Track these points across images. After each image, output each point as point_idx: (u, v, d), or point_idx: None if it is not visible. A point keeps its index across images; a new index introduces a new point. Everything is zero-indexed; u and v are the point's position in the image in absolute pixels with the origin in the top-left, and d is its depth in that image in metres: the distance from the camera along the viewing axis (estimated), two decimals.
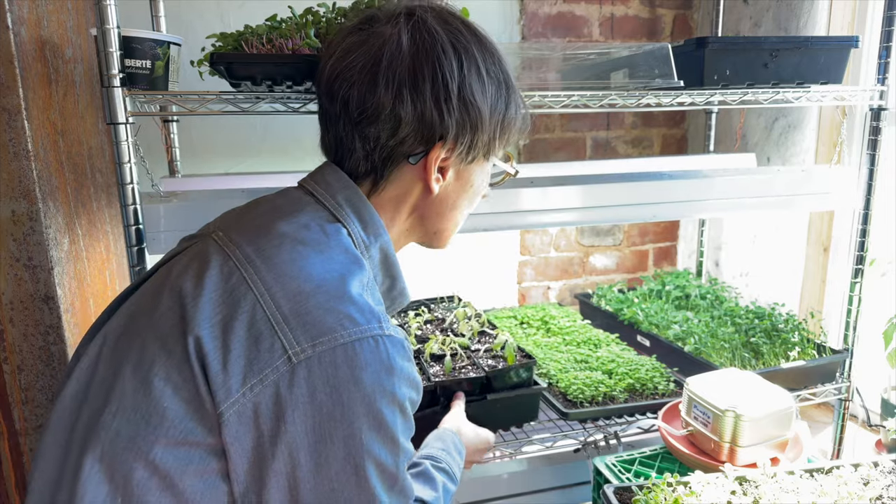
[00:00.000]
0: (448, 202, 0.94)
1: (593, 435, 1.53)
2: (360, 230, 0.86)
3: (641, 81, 1.51)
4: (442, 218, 0.96)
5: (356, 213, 0.86)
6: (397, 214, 0.92)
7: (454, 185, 0.92)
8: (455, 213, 0.96)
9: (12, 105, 1.22)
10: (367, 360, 0.71)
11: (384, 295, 0.90)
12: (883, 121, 1.65)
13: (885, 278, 1.97)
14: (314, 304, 0.72)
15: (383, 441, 0.73)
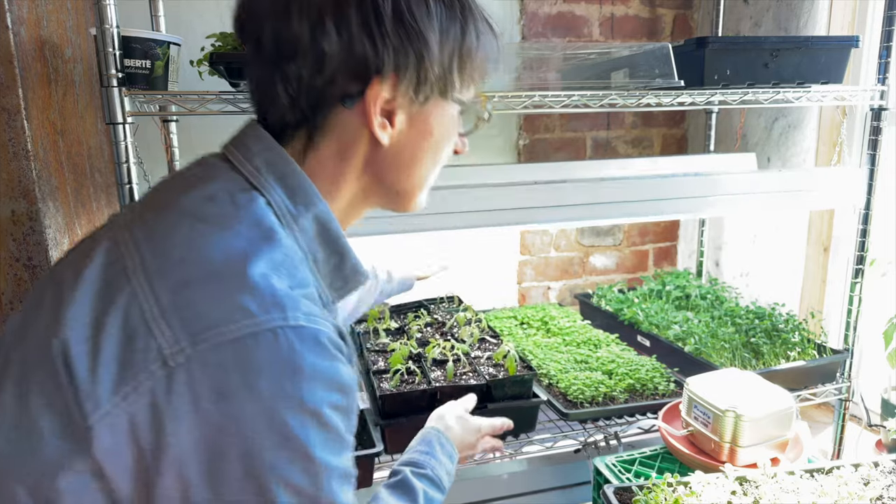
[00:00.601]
0: (405, 155, 0.78)
1: (593, 435, 1.53)
2: (283, 198, 0.72)
3: (642, 81, 1.51)
4: (401, 175, 0.80)
5: (279, 179, 0.73)
6: (344, 174, 0.77)
7: (409, 134, 0.77)
8: (417, 168, 0.80)
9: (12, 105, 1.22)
10: (263, 359, 0.59)
11: (333, 273, 0.77)
12: (883, 121, 1.66)
13: (885, 278, 1.97)
14: (201, 293, 0.61)
15: (292, 459, 0.60)
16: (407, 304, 2.06)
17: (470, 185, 1.42)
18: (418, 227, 1.37)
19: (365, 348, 1.73)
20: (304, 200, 0.73)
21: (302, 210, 0.73)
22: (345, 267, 0.78)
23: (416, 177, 0.81)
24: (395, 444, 1.43)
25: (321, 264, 0.76)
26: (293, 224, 0.72)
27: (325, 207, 0.75)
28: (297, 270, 0.68)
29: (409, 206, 0.85)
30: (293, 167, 0.74)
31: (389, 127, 0.74)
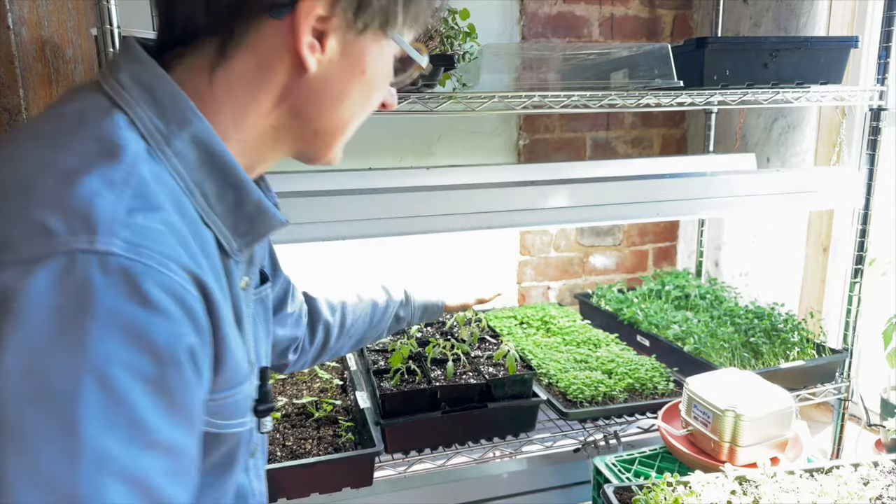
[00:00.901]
0: (332, 89, 0.67)
1: (593, 435, 1.53)
2: (150, 116, 0.61)
3: (641, 81, 1.51)
4: (324, 112, 0.69)
5: (146, 93, 0.61)
6: (257, 101, 0.66)
7: (340, 65, 0.66)
8: (343, 108, 0.69)
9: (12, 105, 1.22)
10: (44, 288, 0.48)
11: (234, 214, 0.67)
12: (882, 121, 1.66)
13: (884, 278, 1.97)
14: (3, 212, 0.52)
15: (47, 424, 0.47)
16: None
17: (470, 186, 1.42)
18: (419, 228, 1.37)
19: (365, 348, 1.73)
20: (177, 117, 0.62)
21: (175, 129, 0.61)
22: (246, 205, 0.67)
23: (339, 118, 0.70)
24: (395, 444, 1.43)
25: (214, 201, 0.65)
26: (164, 147, 0.61)
27: (205, 126, 0.63)
28: (152, 194, 0.56)
29: (326, 153, 0.74)
30: (164, 79, 0.62)
31: (319, 51, 0.64)
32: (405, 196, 1.36)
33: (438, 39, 1.44)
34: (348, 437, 1.43)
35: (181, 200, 0.61)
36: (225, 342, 0.61)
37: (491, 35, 2.22)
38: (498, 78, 1.50)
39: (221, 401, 0.65)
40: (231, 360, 0.63)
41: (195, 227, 0.62)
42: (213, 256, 0.64)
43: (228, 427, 0.68)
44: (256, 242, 0.71)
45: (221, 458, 0.71)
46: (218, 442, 0.68)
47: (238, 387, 0.67)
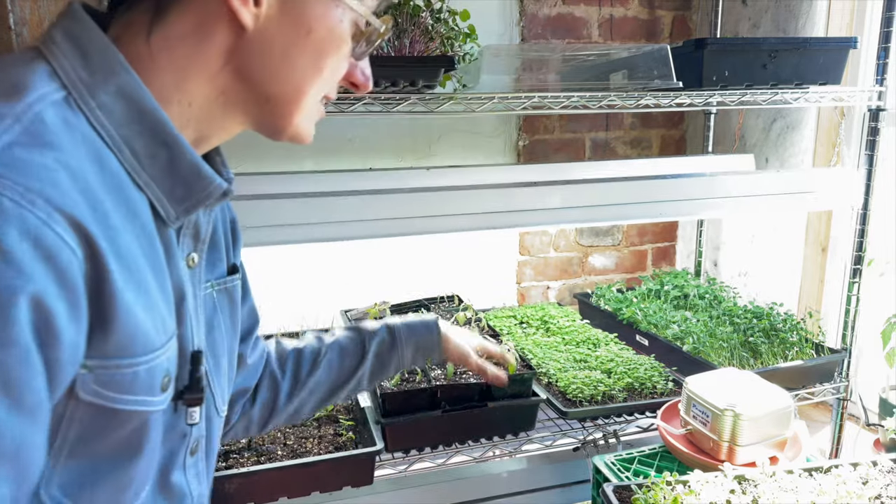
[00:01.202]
0: (275, 49, 0.64)
1: (592, 434, 1.54)
2: (74, 66, 0.59)
3: (640, 82, 1.52)
4: (270, 74, 0.66)
5: (74, 46, 0.59)
6: (198, 62, 0.63)
7: (281, 23, 0.64)
8: (290, 69, 0.66)
9: None
10: None
11: (168, 176, 0.63)
12: (881, 121, 1.66)
13: (883, 278, 1.98)
14: None
15: None
16: (407, 303, 2.07)
17: (470, 186, 1.43)
18: (419, 228, 1.38)
19: None
20: (104, 69, 0.59)
21: (99, 80, 0.59)
22: (180, 166, 0.64)
23: (289, 82, 0.67)
24: (395, 442, 1.43)
25: (145, 160, 0.62)
26: (87, 98, 0.58)
27: (134, 80, 0.60)
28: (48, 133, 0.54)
29: (284, 124, 0.70)
30: (94, 32, 0.60)
31: (253, 4, 0.62)
32: (405, 196, 1.37)
33: (439, 41, 1.44)
34: (349, 436, 1.43)
35: (101, 153, 0.59)
36: (115, 302, 0.56)
37: (491, 36, 2.22)
38: (498, 79, 1.50)
39: (114, 369, 0.59)
40: (126, 325, 0.58)
41: (116, 183, 0.59)
42: (142, 219, 0.62)
43: (125, 403, 0.61)
44: (196, 209, 0.67)
45: (122, 441, 0.63)
46: (115, 420, 0.61)
47: (138, 357, 0.61)
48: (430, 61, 1.36)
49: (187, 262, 0.72)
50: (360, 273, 2.22)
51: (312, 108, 0.71)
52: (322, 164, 2.13)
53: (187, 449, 0.75)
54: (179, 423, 0.72)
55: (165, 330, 0.65)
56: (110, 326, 0.56)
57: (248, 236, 1.27)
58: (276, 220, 1.28)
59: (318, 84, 0.69)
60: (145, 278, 0.61)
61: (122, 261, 0.57)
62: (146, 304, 0.61)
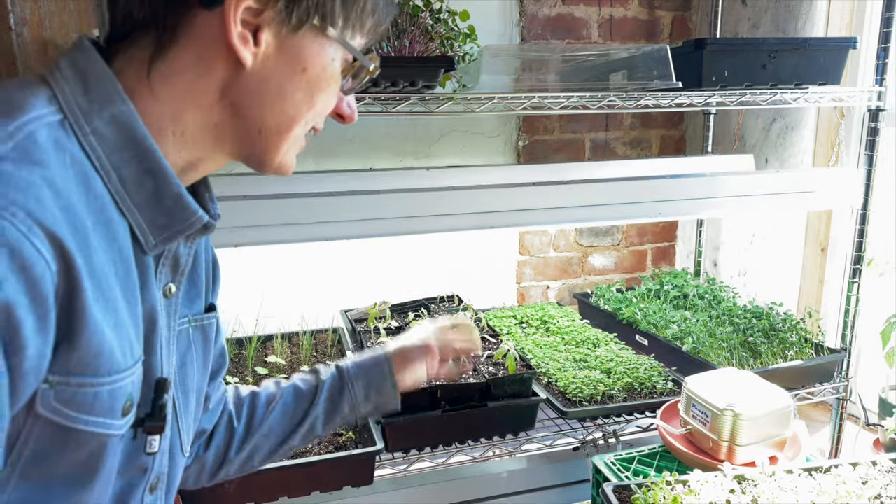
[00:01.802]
0: (271, 86, 0.67)
1: (592, 433, 1.54)
2: (74, 92, 0.62)
3: (640, 83, 1.52)
4: (265, 109, 0.68)
5: (77, 74, 0.62)
6: (196, 95, 0.66)
7: (277, 61, 0.67)
8: (284, 105, 0.69)
9: None
10: None
11: (153, 205, 0.66)
12: (881, 121, 1.66)
13: (882, 278, 1.98)
14: None
15: None
16: (407, 303, 2.07)
17: (470, 187, 1.43)
18: (419, 228, 1.38)
19: (366, 347, 1.73)
20: (101, 97, 0.62)
21: (96, 108, 0.62)
22: (165, 196, 0.66)
23: (282, 116, 0.69)
24: (395, 442, 1.43)
25: (132, 188, 0.64)
26: (82, 122, 0.61)
27: (129, 109, 0.63)
28: (38, 152, 0.56)
29: (272, 156, 0.72)
30: (97, 63, 0.63)
31: (253, 44, 0.65)
32: (405, 196, 1.37)
33: (438, 41, 1.44)
34: (349, 436, 1.43)
35: (89, 175, 0.61)
36: (84, 318, 0.57)
37: (491, 36, 2.22)
38: (498, 79, 1.51)
39: (76, 387, 0.59)
40: (92, 342, 0.59)
41: (100, 205, 0.61)
42: (120, 243, 0.64)
43: (83, 423, 0.61)
44: (175, 238, 0.69)
45: (78, 464, 0.63)
46: (72, 441, 0.61)
47: (101, 377, 0.61)
48: (430, 61, 1.37)
49: (164, 292, 0.73)
50: (360, 273, 2.22)
51: (299, 140, 0.73)
52: (322, 164, 2.13)
53: (147, 485, 0.74)
54: (140, 454, 0.71)
55: (132, 354, 0.65)
56: (76, 342, 0.57)
57: (249, 236, 1.27)
58: (276, 219, 1.29)
59: (308, 117, 0.72)
60: (116, 299, 0.62)
61: (96, 280, 0.58)
62: (115, 324, 0.62)
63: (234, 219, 1.24)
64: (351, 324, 1.95)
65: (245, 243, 1.27)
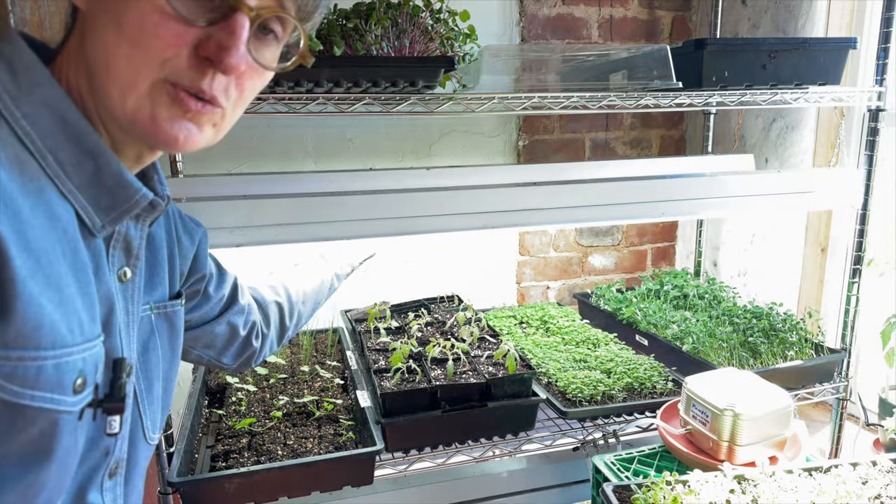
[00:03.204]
0: (91, 21, 0.65)
1: (592, 433, 1.54)
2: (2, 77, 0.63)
3: (640, 83, 1.52)
4: (88, 49, 0.65)
5: (5, 63, 0.64)
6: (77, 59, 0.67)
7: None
8: (97, 37, 0.64)
9: None
10: None
11: (94, 185, 0.66)
12: (881, 121, 1.66)
13: (882, 278, 1.98)
14: None
15: None
16: (407, 303, 2.07)
17: (470, 186, 1.43)
18: (419, 228, 1.38)
19: (366, 347, 1.74)
20: (30, 83, 0.63)
21: (25, 92, 0.63)
22: (104, 176, 0.66)
23: (100, 51, 0.64)
24: (395, 442, 1.44)
25: (71, 170, 0.65)
26: (12, 108, 0.62)
27: (58, 93, 0.64)
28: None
29: (112, 103, 0.65)
30: (24, 52, 0.65)
31: None
32: (405, 196, 1.37)
33: (438, 41, 1.44)
34: (349, 436, 1.43)
35: (22, 158, 0.61)
36: (16, 290, 0.57)
37: (491, 37, 2.22)
38: (498, 79, 1.51)
39: (16, 361, 0.58)
40: (28, 314, 0.58)
41: (36, 188, 0.62)
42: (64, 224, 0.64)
43: (30, 399, 0.60)
44: (122, 219, 0.70)
45: (30, 442, 0.62)
46: (22, 418, 0.60)
47: (42, 350, 0.60)
48: (430, 62, 1.37)
49: (119, 277, 0.74)
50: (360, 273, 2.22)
51: (143, 86, 0.64)
52: (322, 164, 2.13)
53: (107, 469, 0.74)
54: (101, 435, 0.71)
55: (82, 331, 0.65)
56: (10, 315, 0.57)
57: (249, 236, 1.27)
58: (276, 219, 1.29)
59: (125, 49, 0.63)
60: (59, 276, 0.62)
61: (31, 254, 0.58)
62: (59, 299, 0.61)
63: (233, 219, 1.24)
64: (351, 324, 1.95)
65: (245, 243, 1.27)
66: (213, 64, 0.64)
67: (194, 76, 0.64)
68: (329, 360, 1.82)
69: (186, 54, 0.63)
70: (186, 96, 0.65)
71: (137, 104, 0.64)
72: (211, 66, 0.64)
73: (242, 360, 1.18)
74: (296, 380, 1.71)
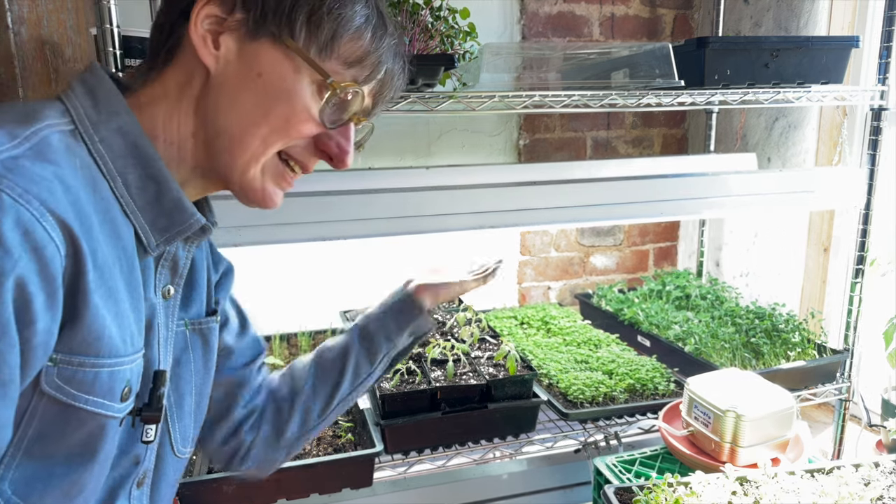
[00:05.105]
0: (228, 88, 0.71)
1: (594, 435, 1.53)
2: (86, 106, 0.69)
3: (642, 81, 1.51)
4: (220, 112, 0.72)
5: (88, 91, 0.70)
6: (180, 104, 0.73)
7: (236, 66, 0.71)
8: (238, 108, 0.71)
9: None
10: None
11: (154, 207, 0.71)
12: (883, 121, 1.65)
13: (885, 278, 1.97)
14: None
15: None
16: None
17: (470, 186, 1.42)
18: (419, 228, 1.37)
19: None
20: (109, 110, 0.69)
21: (104, 119, 0.69)
22: (164, 199, 0.71)
23: (238, 123, 0.72)
24: (395, 444, 1.43)
25: (135, 191, 0.70)
26: (91, 132, 0.68)
27: (133, 121, 0.70)
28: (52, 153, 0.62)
29: (233, 170, 0.74)
30: (104, 81, 0.71)
31: (213, 48, 0.70)
32: (405, 196, 1.36)
33: (438, 38, 1.44)
34: (348, 438, 1.42)
35: (96, 179, 0.67)
36: (87, 301, 0.62)
37: (491, 34, 2.21)
38: (498, 77, 1.50)
39: (77, 367, 0.63)
40: (93, 325, 0.63)
41: (106, 206, 0.67)
42: (124, 242, 0.69)
43: (84, 402, 0.65)
44: (175, 240, 0.75)
45: (78, 444, 0.67)
46: (74, 419, 0.65)
47: (101, 358, 0.65)
48: (430, 59, 1.36)
49: (163, 293, 0.79)
50: (360, 273, 2.21)
51: (264, 159, 0.74)
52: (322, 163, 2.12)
53: (136, 478, 0.78)
54: (135, 442, 0.76)
55: (133, 343, 0.70)
56: (79, 323, 0.62)
57: (248, 236, 1.26)
58: (276, 219, 1.28)
59: (264, 130, 0.72)
60: (118, 290, 0.67)
61: (98, 269, 0.63)
62: (116, 312, 0.66)
63: (233, 219, 1.24)
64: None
65: (244, 243, 1.26)
66: (332, 159, 0.79)
67: (307, 157, 0.79)
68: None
69: (306, 142, 0.77)
70: (290, 174, 0.79)
71: (254, 175, 0.75)
72: (322, 155, 0.79)
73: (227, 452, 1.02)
74: None
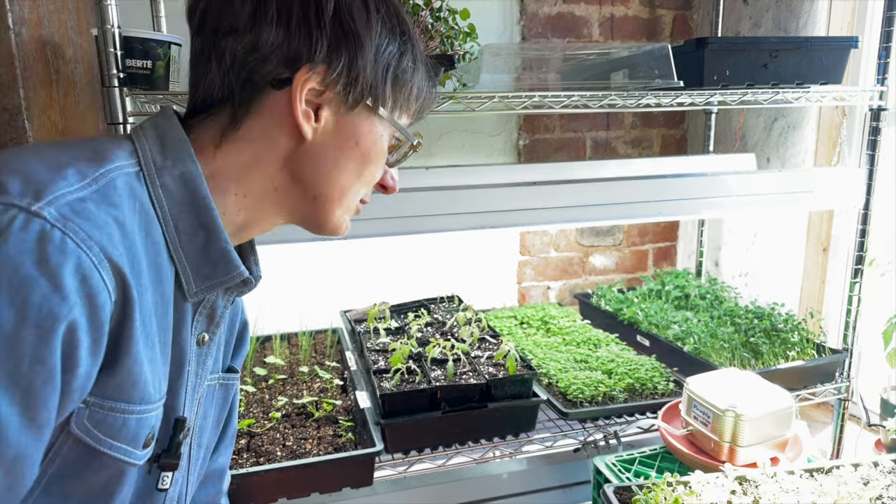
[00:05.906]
0: (328, 157, 0.76)
1: (593, 434, 1.53)
2: (154, 149, 0.71)
3: (641, 82, 1.51)
4: (319, 178, 0.76)
5: (157, 135, 0.72)
6: (261, 163, 0.74)
7: (335, 136, 0.75)
8: (339, 176, 0.77)
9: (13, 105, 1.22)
10: None
11: (200, 255, 0.73)
12: (882, 121, 1.66)
13: (884, 278, 1.97)
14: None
15: None
16: (407, 303, 2.06)
17: (470, 186, 1.42)
18: (419, 228, 1.37)
19: (365, 347, 1.73)
20: (175, 156, 0.70)
21: (169, 165, 0.70)
22: (212, 248, 0.72)
23: (336, 185, 0.77)
24: (395, 443, 1.43)
25: (185, 237, 0.71)
26: (154, 176, 0.69)
27: (196, 170, 0.71)
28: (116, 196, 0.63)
29: (327, 220, 0.80)
30: (175, 128, 0.72)
31: (314, 120, 0.73)
32: (405, 196, 1.36)
33: (439, 39, 1.44)
34: (348, 437, 1.43)
35: (151, 222, 0.68)
36: (129, 348, 0.63)
37: (491, 35, 2.22)
38: (498, 78, 1.50)
39: (108, 411, 0.64)
40: (131, 371, 0.64)
41: (156, 250, 0.68)
42: (164, 286, 0.69)
43: (108, 447, 0.66)
44: (215, 289, 0.75)
45: (96, 487, 0.67)
46: (96, 463, 0.66)
47: (132, 405, 0.66)
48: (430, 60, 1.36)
49: (198, 340, 0.79)
50: (360, 273, 2.22)
51: (352, 206, 0.82)
52: None
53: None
54: (152, 490, 0.76)
55: (160, 390, 0.71)
56: (117, 369, 0.63)
57: None
58: None
59: (359, 187, 0.80)
60: (154, 335, 0.68)
61: (143, 315, 0.64)
62: (151, 358, 0.67)
63: None
64: (350, 324, 1.95)
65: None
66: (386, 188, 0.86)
67: (370, 193, 0.85)
68: (328, 361, 1.81)
69: None
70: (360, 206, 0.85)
71: (343, 219, 0.81)
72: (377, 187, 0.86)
73: None
74: (295, 381, 1.71)
